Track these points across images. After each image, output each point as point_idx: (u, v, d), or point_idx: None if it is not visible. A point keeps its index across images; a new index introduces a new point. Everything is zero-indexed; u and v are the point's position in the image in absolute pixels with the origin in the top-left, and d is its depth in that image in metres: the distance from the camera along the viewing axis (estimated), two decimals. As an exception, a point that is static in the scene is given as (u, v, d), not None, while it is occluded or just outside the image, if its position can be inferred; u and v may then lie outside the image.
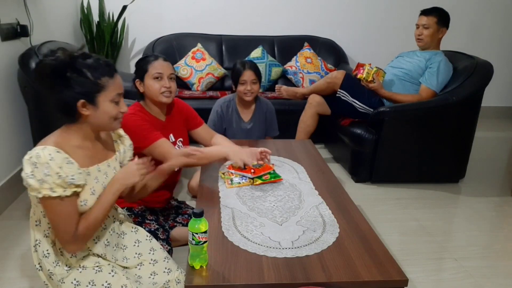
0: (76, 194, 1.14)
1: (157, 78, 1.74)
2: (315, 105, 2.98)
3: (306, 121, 3.00)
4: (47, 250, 1.21)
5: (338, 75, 2.94)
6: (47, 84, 1.13)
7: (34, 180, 1.07)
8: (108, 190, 1.22)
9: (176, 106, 1.93)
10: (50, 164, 1.07)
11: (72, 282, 1.20)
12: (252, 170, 1.72)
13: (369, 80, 2.82)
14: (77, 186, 1.13)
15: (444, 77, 2.78)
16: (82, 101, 1.13)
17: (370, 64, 2.89)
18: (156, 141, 1.68)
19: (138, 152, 1.73)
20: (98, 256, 1.25)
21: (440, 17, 2.79)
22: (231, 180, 1.71)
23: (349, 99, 2.86)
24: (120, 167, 1.33)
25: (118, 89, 1.19)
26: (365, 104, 2.84)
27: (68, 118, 1.18)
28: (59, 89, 1.12)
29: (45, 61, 1.11)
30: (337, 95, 2.91)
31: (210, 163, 1.80)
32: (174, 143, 1.88)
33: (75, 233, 1.14)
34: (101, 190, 1.21)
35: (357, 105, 2.85)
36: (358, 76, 2.87)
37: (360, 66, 2.92)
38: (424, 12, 2.85)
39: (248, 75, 2.34)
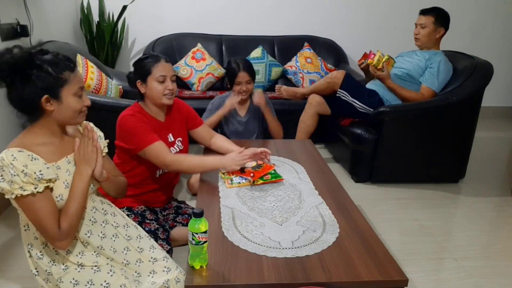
0: (50, 189, 1.14)
1: (161, 81, 1.73)
2: (315, 105, 2.98)
3: (306, 121, 3.00)
4: (40, 252, 1.21)
5: (338, 75, 2.94)
6: (5, 83, 1.13)
7: (5, 183, 1.08)
8: (77, 178, 1.21)
9: (175, 106, 1.93)
10: (14, 164, 1.07)
11: (70, 282, 1.20)
12: (252, 174, 1.72)
13: (378, 67, 2.78)
14: (49, 181, 1.13)
15: (445, 77, 2.78)
16: (45, 96, 1.13)
17: (380, 52, 2.84)
18: (151, 144, 1.67)
19: (134, 153, 1.73)
20: (95, 251, 1.26)
21: (438, 16, 2.79)
22: (231, 180, 1.70)
23: (349, 99, 2.86)
24: None
25: (80, 82, 1.20)
26: (365, 104, 2.84)
27: (30, 116, 1.18)
28: (19, 86, 1.12)
29: (1, 59, 1.10)
30: (337, 95, 2.91)
31: (205, 172, 1.80)
32: (173, 143, 1.88)
33: (59, 230, 1.14)
34: None
35: (357, 105, 2.85)
36: (369, 61, 2.82)
37: (367, 55, 2.89)
38: (423, 12, 2.86)
39: (242, 76, 2.43)
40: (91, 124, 1.37)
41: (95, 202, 1.31)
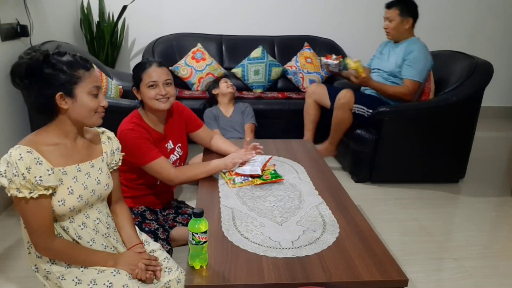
0: (47, 197, 1.13)
1: (151, 86, 1.70)
2: (310, 94, 3.09)
3: (308, 110, 3.10)
4: None
5: (347, 94, 2.81)
6: (22, 84, 1.14)
7: (5, 179, 1.08)
8: (101, 256, 1.23)
9: (176, 110, 1.92)
10: (18, 165, 1.08)
11: (73, 280, 1.20)
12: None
13: (360, 71, 2.69)
14: (48, 187, 1.12)
15: (423, 64, 2.71)
16: (60, 93, 1.14)
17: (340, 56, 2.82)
18: (153, 160, 1.67)
19: (137, 167, 1.74)
20: None
21: (402, 8, 2.75)
22: (234, 181, 1.71)
23: (366, 110, 2.79)
24: (107, 169, 1.32)
25: (95, 82, 1.19)
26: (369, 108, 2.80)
27: (47, 116, 1.19)
28: (36, 87, 1.13)
29: (19, 61, 1.12)
30: (355, 111, 2.81)
31: (208, 175, 1.80)
32: (173, 150, 1.87)
33: (49, 239, 1.15)
34: (81, 189, 1.20)
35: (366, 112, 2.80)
36: (351, 64, 2.69)
37: (330, 56, 2.87)
38: (387, 5, 2.82)
39: (226, 77, 3.10)
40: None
41: (100, 214, 1.29)
